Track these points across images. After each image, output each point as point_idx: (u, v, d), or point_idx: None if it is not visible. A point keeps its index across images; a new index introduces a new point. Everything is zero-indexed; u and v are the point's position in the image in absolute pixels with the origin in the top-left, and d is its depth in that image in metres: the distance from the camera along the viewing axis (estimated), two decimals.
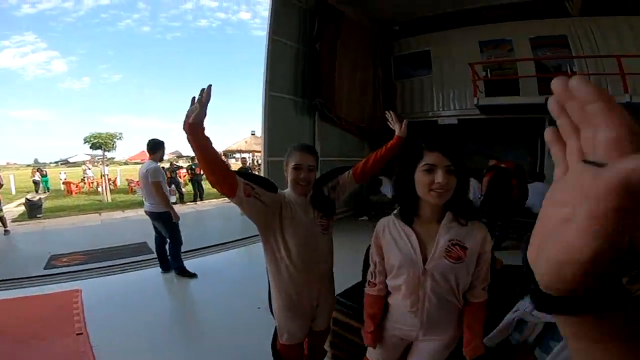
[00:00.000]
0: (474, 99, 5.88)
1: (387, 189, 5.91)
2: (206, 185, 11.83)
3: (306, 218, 1.38)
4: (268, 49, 5.12)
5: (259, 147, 15.79)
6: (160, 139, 3.42)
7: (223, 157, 8.84)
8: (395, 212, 1.16)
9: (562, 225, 0.19)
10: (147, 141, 3.36)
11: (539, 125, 6.18)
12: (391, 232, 1.14)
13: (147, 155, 3.45)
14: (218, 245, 4.75)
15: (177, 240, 3.46)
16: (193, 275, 3.47)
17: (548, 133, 0.24)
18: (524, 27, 6.44)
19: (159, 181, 3.22)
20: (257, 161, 20.19)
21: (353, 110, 6.37)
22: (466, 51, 6.71)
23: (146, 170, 3.23)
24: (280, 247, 1.34)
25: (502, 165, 4.30)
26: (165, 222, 3.36)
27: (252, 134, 17.54)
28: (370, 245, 1.25)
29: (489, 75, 6.54)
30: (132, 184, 11.69)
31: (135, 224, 6.30)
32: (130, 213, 8.03)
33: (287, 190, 1.43)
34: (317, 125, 6.07)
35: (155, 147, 3.37)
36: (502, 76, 6.58)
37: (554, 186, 0.22)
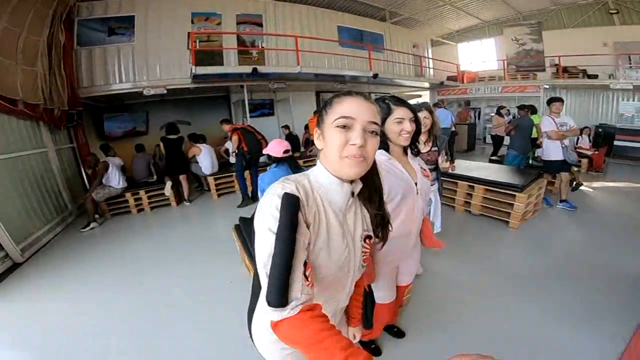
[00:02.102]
0: (192, 67, 5.63)
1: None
2: None
3: (343, 235, 0.78)
4: None
5: None
6: None
7: None
8: None
9: None
10: None
11: (229, 91, 7.70)
12: (383, 169, 1.20)
13: None
14: None
15: None
16: None
17: None
18: (233, 4, 7.22)
19: None
20: None
21: (14, 83, 4.01)
22: (177, 20, 6.59)
23: None
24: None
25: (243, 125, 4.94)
26: None
27: None
28: None
29: (197, 45, 6.49)
30: None
31: None
32: None
33: (316, 174, 0.79)
34: None
35: None
36: (210, 47, 6.90)
37: None
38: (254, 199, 4.92)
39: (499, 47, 11.14)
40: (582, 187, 5.02)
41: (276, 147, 2.58)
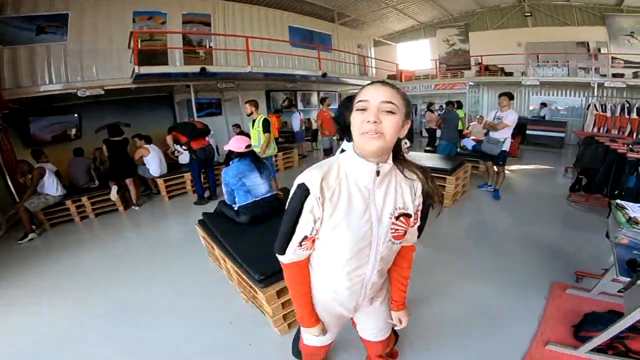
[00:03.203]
0: (134, 67, 5.42)
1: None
2: None
3: (365, 210, 0.89)
4: None
5: None
6: None
7: None
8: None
9: None
10: None
11: (173, 91, 7.49)
12: None
13: None
14: None
15: None
16: None
17: None
18: (180, 3, 7.13)
19: None
20: None
21: None
22: (117, 19, 6.35)
23: None
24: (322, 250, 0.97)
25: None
26: None
27: None
28: None
29: (139, 44, 6.21)
30: None
31: None
32: None
33: (346, 156, 0.90)
34: None
35: None
36: (153, 47, 6.69)
37: None
38: (211, 198, 4.94)
39: (433, 47, 12.23)
40: None
41: (238, 143, 2.71)
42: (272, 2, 8.78)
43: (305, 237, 0.89)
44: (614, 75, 8.42)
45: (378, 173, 0.87)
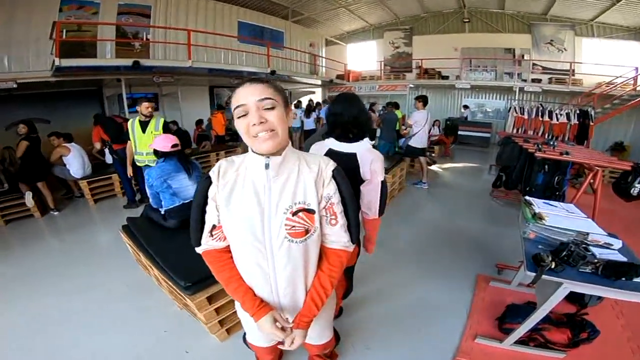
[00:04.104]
0: (55, 59, 4.91)
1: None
2: None
3: (257, 203, 0.87)
4: None
5: None
6: None
7: None
8: None
9: None
10: None
11: (102, 85, 6.97)
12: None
13: None
14: None
15: None
16: None
17: None
18: None
19: None
20: None
21: None
22: (38, 8, 5.76)
23: None
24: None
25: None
26: None
27: None
28: None
29: (64, 35, 5.65)
30: None
31: None
32: None
33: (249, 154, 0.90)
34: None
35: None
36: (80, 38, 6.14)
37: None
38: (143, 201, 4.60)
39: (379, 49, 12.68)
40: (435, 168, 6.37)
41: (163, 142, 2.55)
42: None
43: (214, 226, 0.90)
44: (533, 81, 9.49)
45: (267, 166, 0.85)
